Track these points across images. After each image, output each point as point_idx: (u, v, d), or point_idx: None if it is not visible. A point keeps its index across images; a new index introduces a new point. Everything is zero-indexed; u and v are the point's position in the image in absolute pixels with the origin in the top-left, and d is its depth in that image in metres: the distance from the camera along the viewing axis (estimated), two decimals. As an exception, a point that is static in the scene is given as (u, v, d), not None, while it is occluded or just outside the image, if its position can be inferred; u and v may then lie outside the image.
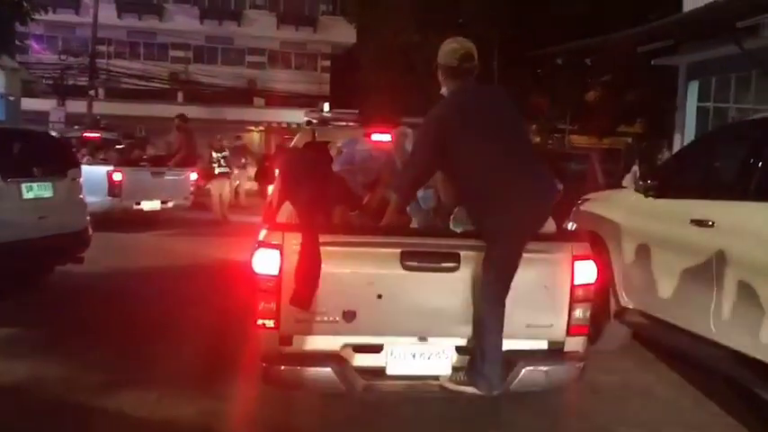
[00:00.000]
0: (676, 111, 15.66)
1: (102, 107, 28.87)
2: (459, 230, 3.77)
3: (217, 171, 13.90)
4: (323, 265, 3.45)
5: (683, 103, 15.25)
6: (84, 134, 14.45)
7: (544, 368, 3.64)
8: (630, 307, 5.05)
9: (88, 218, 6.93)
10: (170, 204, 12.61)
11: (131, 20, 33.57)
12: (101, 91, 32.05)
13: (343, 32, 35.56)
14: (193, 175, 13.19)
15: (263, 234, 3.61)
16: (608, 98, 21.46)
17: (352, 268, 3.55)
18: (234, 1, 35.69)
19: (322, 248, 3.47)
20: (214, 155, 14.07)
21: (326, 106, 35.57)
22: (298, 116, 35.51)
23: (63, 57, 30.78)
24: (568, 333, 3.70)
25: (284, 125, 35.04)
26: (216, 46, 35.76)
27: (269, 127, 34.65)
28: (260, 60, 36.19)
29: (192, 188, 13.20)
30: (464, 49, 3.82)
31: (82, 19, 31.15)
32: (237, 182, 16.84)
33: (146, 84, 31.88)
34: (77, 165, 7.03)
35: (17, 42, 32.27)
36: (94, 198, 10.90)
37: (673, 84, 15.97)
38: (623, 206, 5.33)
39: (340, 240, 3.59)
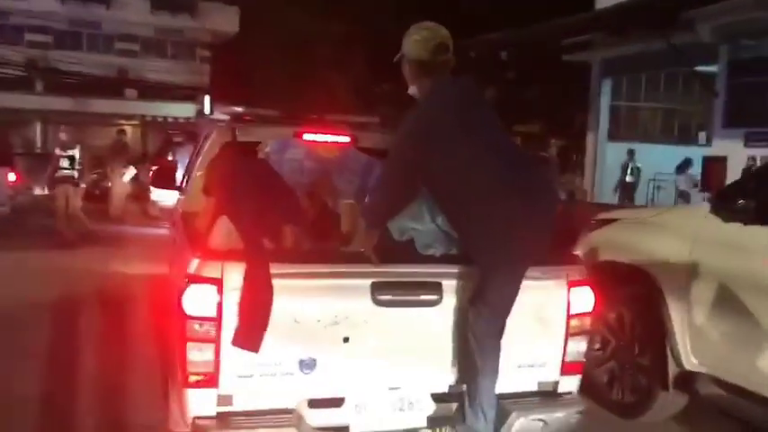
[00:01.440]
0: (589, 110, 15.21)
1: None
2: (436, 253, 3.24)
3: (58, 174, 11.06)
4: (274, 302, 2.85)
5: (597, 101, 14.80)
6: None
7: (541, 417, 3.16)
8: (700, 371, 3.83)
9: None
10: None
11: (-22, -3, 29.38)
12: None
13: (224, 20, 33.32)
14: (11, 176, 10.90)
15: (194, 265, 2.90)
16: (508, 95, 20.94)
17: (311, 305, 2.96)
18: (102, -18, 32.30)
19: (274, 281, 2.85)
20: (58, 152, 11.21)
21: (207, 100, 33.42)
22: (176, 109, 33.40)
23: None
24: (563, 371, 3.30)
25: (160, 119, 32.33)
26: (81, 30, 32.22)
27: (144, 121, 31.65)
28: (132, 48, 33.07)
29: (10, 191, 10.88)
30: (438, 39, 3.23)
31: None
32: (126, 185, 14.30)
33: (-3, 70, 28.02)
34: None
35: None
36: None
37: (583, 82, 15.52)
38: (688, 233, 3.99)
39: (296, 271, 2.96)
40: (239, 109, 5.63)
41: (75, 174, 10.77)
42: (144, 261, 9.37)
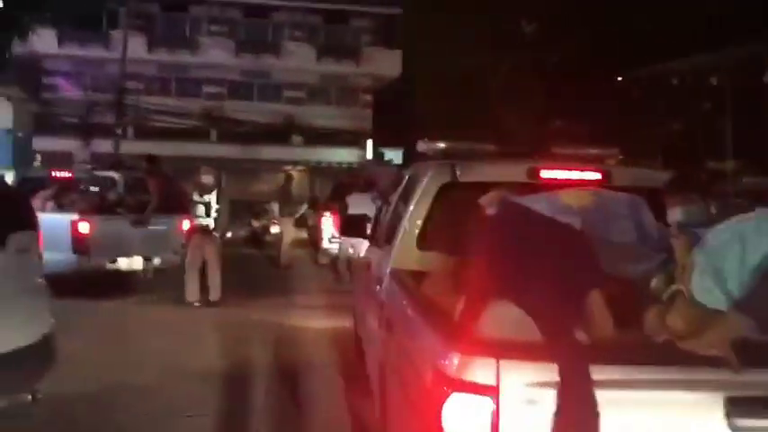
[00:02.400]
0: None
1: (130, 147, 26.65)
2: None
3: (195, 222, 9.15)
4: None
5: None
6: (52, 173, 10.94)
7: None
8: None
9: (51, 320, 3.96)
10: (155, 262, 9.61)
11: (162, 54, 31.57)
12: (130, 130, 30.12)
13: (387, 64, 33.29)
14: (186, 223, 10.17)
15: (455, 363, 1.93)
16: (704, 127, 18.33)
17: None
18: (272, 32, 33.59)
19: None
20: (195, 198, 9.17)
21: (370, 144, 33.44)
22: (339, 154, 33.65)
23: (89, 93, 28.86)
24: None
25: (324, 164, 32.65)
26: (252, 81, 33.58)
27: (310, 167, 32.01)
28: (298, 96, 33.88)
29: (183, 239, 10.15)
30: None
31: (110, 54, 29.17)
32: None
33: (177, 121, 29.74)
34: (31, 224, 4.02)
35: (43, 80, 31.30)
36: (56, 255, 8.27)
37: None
38: None
39: (626, 377, 1.92)
40: (442, 144, 4.36)
41: (211, 223, 8.90)
42: (322, 312, 8.47)
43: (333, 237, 11.87)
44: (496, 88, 16.79)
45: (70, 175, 10.65)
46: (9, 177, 9.47)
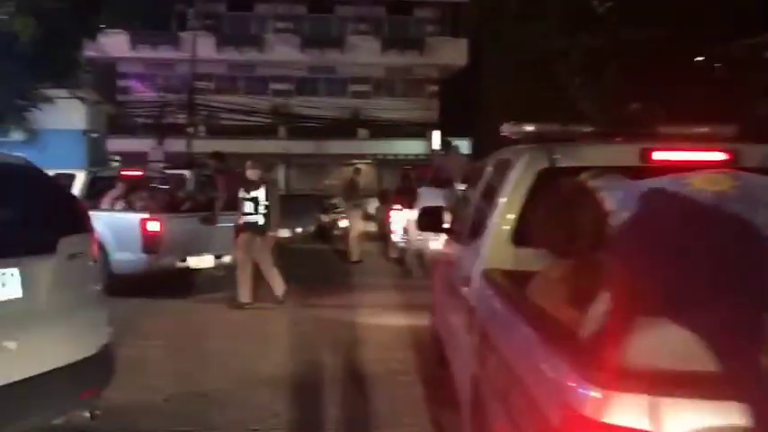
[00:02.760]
0: None
1: (202, 145, 27.09)
2: None
3: (243, 220, 8.46)
4: None
5: None
6: (122, 172, 10.58)
7: None
8: None
9: (109, 330, 3.66)
10: (225, 260, 9.27)
11: (231, 53, 31.91)
12: (201, 128, 30.65)
13: (452, 54, 32.66)
14: None
15: (593, 399, 1.45)
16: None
17: None
18: (336, 27, 33.46)
19: None
20: (241, 194, 8.50)
21: (436, 135, 32.87)
22: (406, 146, 33.26)
23: (162, 94, 29.48)
24: None
25: (391, 157, 32.32)
26: (318, 76, 33.58)
27: (377, 160, 31.76)
28: (364, 89, 33.65)
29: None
30: None
31: (181, 54, 29.71)
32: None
33: (246, 119, 30.03)
34: (84, 226, 3.61)
35: (117, 83, 32.26)
36: (126, 255, 8.07)
37: None
38: None
39: None
40: (530, 127, 3.88)
41: (261, 220, 8.20)
42: (394, 309, 8.11)
43: (403, 230, 11.50)
44: (571, 71, 15.95)
45: (140, 173, 10.58)
46: (81, 177, 9.44)
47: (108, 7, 11.48)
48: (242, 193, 8.34)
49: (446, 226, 4.79)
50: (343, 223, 17.26)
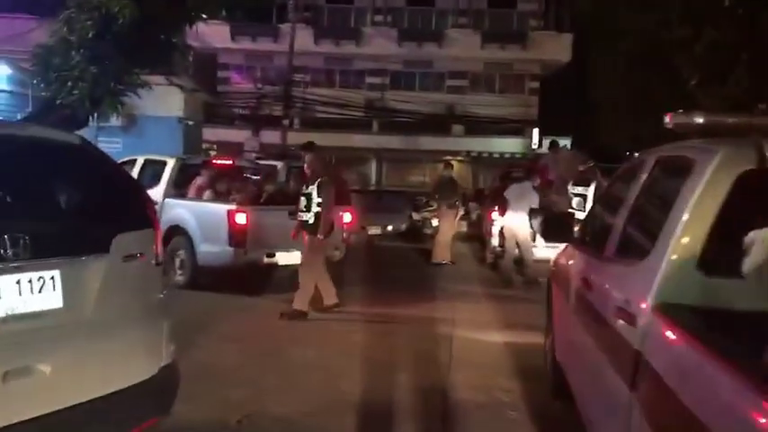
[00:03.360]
0: None
1: (296, 137, 27.02)
2: None
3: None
4: None
5: None
6: (210, 160, 10.17)
7: None
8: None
9: (171, 348, 3.03)
10: None
11: (328, 46, 31.76)
12: (296, 121, 30.67)
13: (555, 49, 31.16)
14: (347, 216, 9.14)
15: None
16: None
17: None
18: (435, 20, 32.66)
19: None
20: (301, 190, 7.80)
21: (536, 132, 31.48)
22: (503, 144, 32.09)
23: (259, 86, 29.66)
24: None
25: (486, 155, 31.25)
26: (414, 71, 32.89)
27: (471, 157, 30.75)
28: (461, 84, 32.67)
29: (345, 233, 9.19)
30: None
31: (280, 47, 29.80)
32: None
33: (341, 112, 29.77)
34: (147, 220, 3.00)
35: (218, 74, 32.87)
36: (211, 247, 7.60)
37: None
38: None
39: None
40: (700, 119, 2.99)
41: (311, 219, 7.31)
42: (493, 323, 7.30)
43: (499, 234, 10.62)
44: (693, 65, 14.47)
45: (229, 162, 10.21)
46: (171, 164, 9.14)
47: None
48: (302, 188, 7.60)
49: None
50: (435, 222, 16.53)
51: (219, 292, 7.96)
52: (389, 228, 12.82)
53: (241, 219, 7.87)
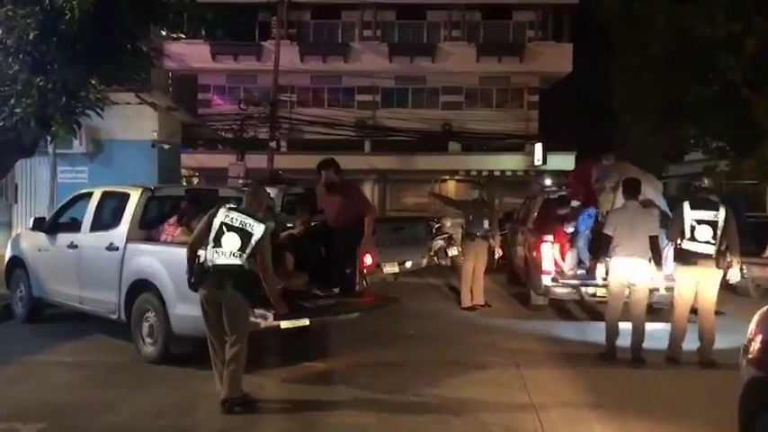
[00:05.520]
0: None
1: (284, 161, 25.12)
2: None
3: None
4: None
5: None
6: (192, 191, 8.35)
7: None
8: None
9: None
10: None
11: (315, 63, 29.94)
12: (283, 143, 28.75)
13: (556, 60, 29.58)
14: (368, 259, 7.12)
15: None
16: None
17: None
18: (427, 34, 31.00)
19: None
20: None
21: (539, 148, 29.74)
22: (502, 162, 30.31)
23: (243, 107, 27.75)
24: None
25: (485, 173, 29.46)
26: (406, 87, 31.12)
27: (482, 175, 28.80)
28: (456, 100, 30.95)
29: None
30: None
31: (263, 65, 27.97)
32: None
33: (330, 132, 27.87)
34: None
35: (199, 96, 30.93)
36: (190, 309, 5.85)
37: None
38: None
39: None
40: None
41: None
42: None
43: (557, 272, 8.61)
44: (740, 66, 12.68)
45: (213, 190, 8.22)
46: (134, 196, 7.07)
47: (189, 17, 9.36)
48: None
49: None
50: (452, 251, 14.53)
51: (202, 366, 5.86)
52: (408, 264, 10.77)
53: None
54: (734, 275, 6.79)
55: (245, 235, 5.07)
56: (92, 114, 9.71)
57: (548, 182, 23.49)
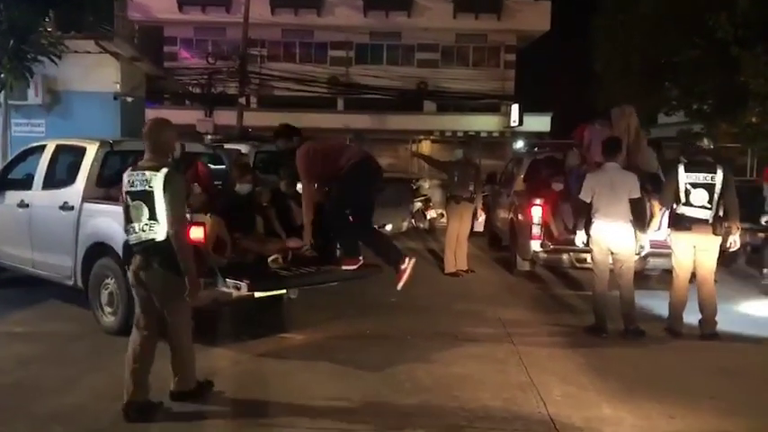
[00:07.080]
0: None
1: (254, 117, 24.20)
2: None
3: None
4: None
5: None
6: None
7: None
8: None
9: None
10: None
11: (287, 16, 28.76)
12: (253, 99, 27.76)
13: (534, 18, 28.95)
14: None
15: None
16: None
17: None
18: (403, -13, 30.02)
19: None
20: None
21: (515, 109, 29.25)
22: (477, 123, 29.74)
23: (211, 61, 26.59)
24: None
25: (460, 134, 28.88)
26: (381, 43, 30.19)
27: (468, 135, 28.04)
28: (432, 57, 30.18)
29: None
30: None
31: (233, 17, 26.74)
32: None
33: (302, 89, 26.94)
34: None
35: (165, 48, 29.60)
36: None
37: None
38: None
39: None
40: None
41: None
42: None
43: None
44: (732, 23, 12.24)
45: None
46: (92, 151, 6.37)
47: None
48: None
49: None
50: (430, 214, 14.05)
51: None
52: (388, 227, 10.24)
53: (197, 233, 5.19)
54: (734, 242, 6.40)
55: (148, 198, 4.15)
56: (46, 62, 8.91)
57: (520, 143, 23.07)
